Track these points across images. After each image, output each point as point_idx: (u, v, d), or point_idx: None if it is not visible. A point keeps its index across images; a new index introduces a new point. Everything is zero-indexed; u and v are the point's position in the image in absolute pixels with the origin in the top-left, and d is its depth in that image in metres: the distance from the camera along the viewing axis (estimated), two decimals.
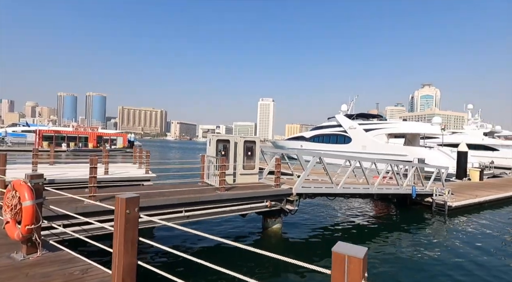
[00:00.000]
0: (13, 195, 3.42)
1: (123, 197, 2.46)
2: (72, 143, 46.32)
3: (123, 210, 2.42)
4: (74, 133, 47.81)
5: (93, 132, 49.55)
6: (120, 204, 2.44)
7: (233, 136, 10.17)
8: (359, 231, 10.71)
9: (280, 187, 9.34)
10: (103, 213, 6.30)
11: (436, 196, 13.47)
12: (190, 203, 7.50)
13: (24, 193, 3.34)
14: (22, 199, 3.32)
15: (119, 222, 2.45)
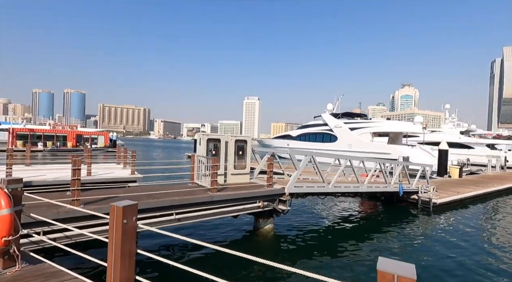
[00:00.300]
0: None
1: (120, 205, 2.19)
2: (49, 142, 44.15)
3: (120, 220, 2.15)
4: (52, 132, 45.55)
5: (72, 131, 47.43)
6: (116, 213, 2.17)
7: (224, 135, 9.90)
8: (349, 229, 10.76)
9: (273, 187, 9.19)
10: (87, 218, 5.90)
11: (421, 193, 13.82)
12: (181, 205, 7.19)
13: (0, 200, 2.97)
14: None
15: (115, 234, 2.17)
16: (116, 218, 2.17)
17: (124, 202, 2.25)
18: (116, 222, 2.17)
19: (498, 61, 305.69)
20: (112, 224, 2.20)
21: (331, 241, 9.47)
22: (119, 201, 2.37)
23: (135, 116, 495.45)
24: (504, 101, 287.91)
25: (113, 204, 2.23)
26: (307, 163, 9.52)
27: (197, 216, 7.51)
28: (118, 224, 2.16)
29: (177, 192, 7.56)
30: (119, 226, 2.16)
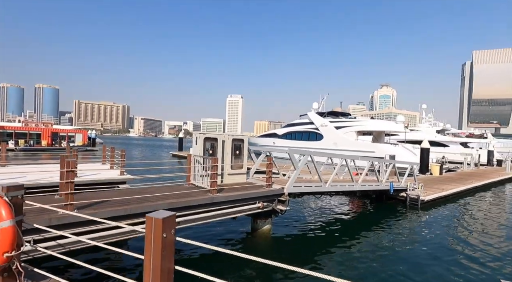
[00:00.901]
0: None
1: (158, 216, 1.93)
2: (22, 140, 41.42)
3: (159, 234, 1.89)
4: (24, 129, 42.74)
5: (47, 129, 44.77)
6: (155, 226, 1.91)
7: (221, 134, 9.61)
8: (343, 227, 10.88)
9: (272, 187, 9.05)
10: (83, 223, 5.47)
11: (409, 190, 14.24)
12: (180, 207, 6.86)
13: (0, 210, 2.58)
14: None
15: (154, 249, 1.92)
16: (154, 232, 1.90)
17: (163, 213, 1.99)
18: (154, 236, 1.91)
19: (468, 64, 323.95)
20: (149, 239, 1.93)
21: (328, 239, 9.51)
22: (150, 210, 2.10)
23: (113, 113, 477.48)
24: (473, 102, 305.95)
25: (150, 215, 1.96)
26: (306, 162, 9.46)
27: (198, 218, 7.20)
28: (157, 239, 1.90)
29: (175, 194, 7.22)
30: (159, 240, 1.90)
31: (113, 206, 6.09)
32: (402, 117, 36.13)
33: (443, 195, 15.26)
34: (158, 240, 1.90)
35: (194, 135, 9.61)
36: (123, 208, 6.00)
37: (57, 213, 5.32)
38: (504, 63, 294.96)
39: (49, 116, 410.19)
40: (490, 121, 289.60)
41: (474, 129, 79.53)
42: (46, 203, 6.21)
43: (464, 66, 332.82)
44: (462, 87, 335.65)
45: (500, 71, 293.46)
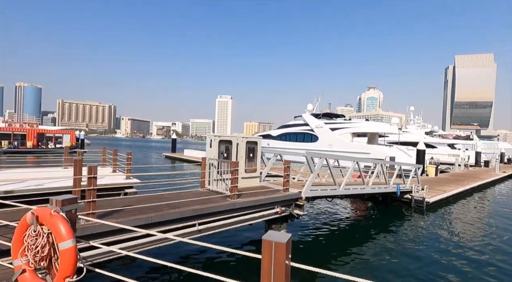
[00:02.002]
0: (37, 232, 2.30)
1: (280, 240, 1.68)
2: (5, 141, 39.49)
3: (282, 260, 1.64)
4: (7, 130, 40.77)
5: (32, 129, 42.89)
6: (276, 251, 1.65)
7: (235, 136, 9.32)
8: (353, 230, 10.84)
9: (289, 191, 8.84)
10: (107, 234, 5.09)
11: (414, 192, 14.37)
12: (203, 214, 6.55)
13: (59, 228, 2.25)
14: (58, 239, 2.24)
15: (275, 278, 1.66)
16: (276, 258, 1.65)
17: (281, 236, 1.73)
18: (276, 263, 1.65)
19: (451, 68, 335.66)
20: (268, 265, 1.67)
21: (343, 243, 9.39)
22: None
23: (99, 113, 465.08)
24: (456, 105, 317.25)
25: (269, 238, 1.70)
26: (321, 165, 9.31)
27: (219, 225, 6.90)
28: (280, 266, 1.63)
29: (198, 200, 6.89)
30: (281, 267, 1.64)
31: (136, 213, 5.71)
32: (397, 119, 36.86)
33: (445, 197, 15.49)
34: (281, 267, 1.65)
35: (209, 137, 9.29)
36: (148, 216, 5.63)
37: (79, 222, 4.92)
38: (485, 68, 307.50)
39: (31, 116, 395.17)
40: (471, 123, 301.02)
41: (460, 131, 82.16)
42: None
43: (447, 69, 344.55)
44: (445, 90, 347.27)
45: (481, 75, 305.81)
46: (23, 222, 2.40)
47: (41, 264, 2.28)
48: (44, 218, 2.28)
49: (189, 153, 40.08)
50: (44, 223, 2.28)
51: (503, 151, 56.05)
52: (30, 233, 2.30)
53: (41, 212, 2.30)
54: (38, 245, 2.26)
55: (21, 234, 2.40)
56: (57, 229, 2.23)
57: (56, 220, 2.25)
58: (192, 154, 39.53)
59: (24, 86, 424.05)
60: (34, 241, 2.28)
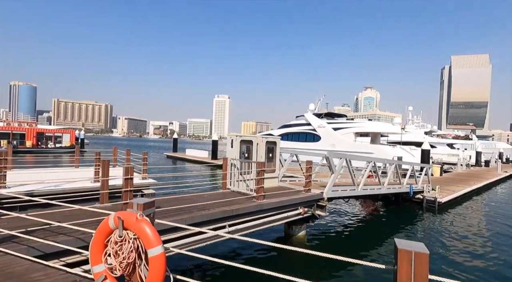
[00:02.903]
0: (123, 237, 2.19)
1: (418, 250, 1.59)
2: (4, 140, 38.93)
3: (424, 273, 1.56)
4: (6, 129, 40.26)
5: (32, 129, 42.36)
6: (417, 263, 1.56)
7: (256, 136, 9.22)
8: (366, 230, 10.81)
9: (311, 192, 8.77)
10: None
11: (426, 192, 14.39)
12: (232, 216, 6.45)
13: (147, 234, 2.14)
14: (146, 245, 2.13)
15: None
16: (416, 270, 1.55)
17: (419, 245, 1.64)
18: (416, 276, 1.55)
19: (447, 69, 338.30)
20: (406, 279, 1.58)
21: (359, 243, 9.33)
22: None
23: (95, 112, 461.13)
24: (452, 105, 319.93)
25: (406, 248, 1.61)
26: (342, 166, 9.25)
27: (247, 227, 6.80)
28: (423, 279, 1.56)
29: (225, 202, 6.78)
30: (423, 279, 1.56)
31: (168, 215, 5.59)
32: (399, 119, 36.97)
33: (456, 196, 15.54)
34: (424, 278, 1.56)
35: (230, 137, 9.17)
36: (181, 218, 5.51)
37: None
38: (480, 68, 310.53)
39: (26, 115, 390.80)
40: (467, 123, 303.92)
41: (458, 131, 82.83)
42: (91, 214, 5.64)
43: (443, 70, 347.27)
44: (441, 91, 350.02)
45: (477, 75, 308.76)
46: (104, 226, 2.28)
47: (126, 270, 2.17)
48: (130, 223, 2.16)
49: (191, 153, 39.83)
50: (130, 228, 2.17)
51: (502, 151, 56.63)
52: (115, 238, 2.19)
53: (126, 216, 2.18)
54: (125, 251, 2.15)
55: (102, 238, 2.29)
56: (145, 235, 2.12)
57: (143, 225, 2.14)
58: (195, 153, 39.29)
59: (19, 85, 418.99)
60: (120, 246, 2.16)
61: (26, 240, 4.12)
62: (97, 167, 9.56)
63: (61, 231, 4.52)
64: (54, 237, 4.30)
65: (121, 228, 2.17)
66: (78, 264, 4.28)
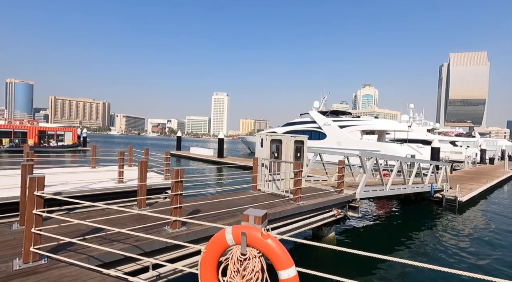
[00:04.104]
0: (246, 255, 1.94)
1: None
2: (6, 139, 38.42)
3: None
4: (7, 127, 39.69)
5: (33, 127, 41.83)
6: None
7: (285, 135, 8.98)
8: (390, 230, 10.61)
9: (344, 192, 8.57)
10: (195, 241, 4.74)
11: (445, 191, 14.23)
12: (275, 219, 6.23)
13: (277, 253, 1.92)
14: (278, 265, 1.89)
15: None
16: None
17: None
18: None
19: (445, 66, 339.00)
20: None
21: (390, 245, 9.14)
22: None
23: (93, 110, 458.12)
24: (450, 102, 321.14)
25: None
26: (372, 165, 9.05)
27: (287, 230, 6.57)
28: None
29: (267, 204, 6.54)
30: None
31: (218, 219, 5.36)
32: (406, 117, 36.84)
33: (474, 195, 15.42)
34: None
35: (259, 136, 8.92)
36: (228, 222, 5.28)
37: (165, 232, 4.58)
38: (478, 65, 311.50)
39: (22, 113, 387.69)
40: (465, 121, 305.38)
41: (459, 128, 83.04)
42: (135, 218, 5.42)
43: (442, 67, 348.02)
44: (440, 88, 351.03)
45: (475, 73, 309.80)
46: (219, 241, 2.04)
47: None
48: (254, 239, 1.92)
49: (196, 151, 39.50)
50: (254, 245, 1.93)
51: (504, 148, 56.79)
52: (237, 256, 1.95)
53: (249, 231, 1.94)
54: (250, 271, 1.91)
55: (216, 254, 2.05)
56: (274, 254, 1.89)
57: (271, 242, 1.90)
58: (199, 151, 38.99)
59: (15, 82, 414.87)
60: (243, 265, 1.92)
61: (81, 247, 3.88)
62: (121, 166, 9.29)
63: (111, 236, 4.27)
64: (110, 244, 4.06)
65: (244, 245, 1.93)
66: (137, 272, 4.05)
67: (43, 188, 3.45)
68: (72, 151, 40.85)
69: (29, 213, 3.36)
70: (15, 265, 3.34)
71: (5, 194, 6.34)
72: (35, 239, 3.41)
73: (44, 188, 3.47)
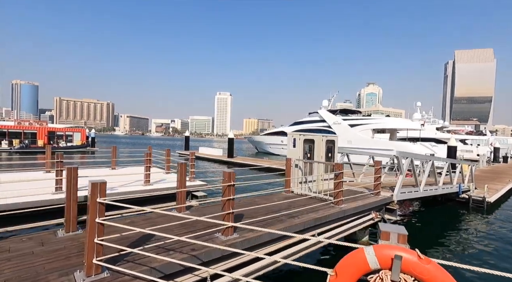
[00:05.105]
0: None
1: None
2: (16, 140, 38.53)
3: None
4: (18, 128, 39.82)
5: (43, 127, 41.93)
6: None
7: (317, 135, 8.66)
8: (425, 230, 10.22)
9: (380, 195, 8.23)
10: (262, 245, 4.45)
11: (472, 192, 13.80)
12: (321, 223, 5.92)
13: None
14: None
15: None
16: None
17: None
18: None
19: (450, 63, 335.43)
20: None
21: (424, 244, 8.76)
22: None
23: (97, 111, 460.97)
24: (455, 100, 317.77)
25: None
26: (409, 165, 8.69)
27: (332, 235, 6.26)
28: None
29: (311, 208, 6.23)
30: None
31: (260, 224, 5.06)
32: (418, 115, 36.24)
33: (499, 196, 14.95)
34: None
35: (292, 136, 8.60)
36: (286, 226, 4.98)
37: (218, 239, 4.30)
38: (484, 62, 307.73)
39: (28, 114, 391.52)
40: (470, 119, 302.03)
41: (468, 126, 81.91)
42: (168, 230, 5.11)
43: (447, 65, 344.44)
44: (445, 86, 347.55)
45: (480, 70, 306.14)
46: (356, 261, 1.73)
47: None
48: (410, 263, 1.61)
49: (205, 151, 39.29)
50: (409, 271, 1.61)
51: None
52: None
53: (402, 253, 1.62)
54: None
55: (353, 278, 1.74)
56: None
57: (434, 269, 1.58)
58: (209, 151, 38.77)
59: (21, 84, 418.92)
60: None
61: (138, 257, 3.61)
62: (148, 168, 9.04)
63: (165, 245, 3.99)
64: (167, 254, 3.78)
65: (397, 270, 1.61)
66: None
67: (105, 194, 3.18)
68: (81, 151, 40.86)
69: (92, 221, 3.08)
70: (78, 278, 3.07)
71: (38, 198, 6.11)
72: (97, 250, 3.14)
73: (106, 194, 3.20)
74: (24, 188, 6.52)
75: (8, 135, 38.22)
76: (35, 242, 4.06)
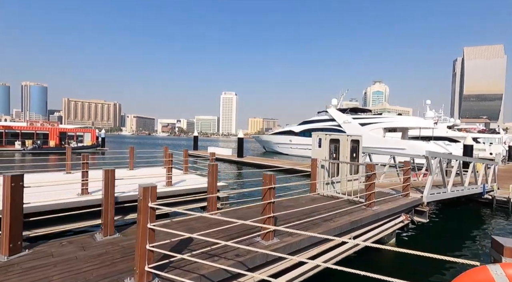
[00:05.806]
0: None
1: None
2: (29, 140, 39.10)
3: None
4: (30, 129, 40.42)
5: (54, 128, 42.49)
6: None
7: (342, 134, 8.46)
8: (441, 233, 9.91)
9: (410, 196, 7.99)
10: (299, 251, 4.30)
11: (496, 192, 13.40)
12: (355, 227, 5.73)
13: None
14: None
15: None
16: None
17: None
18: None
19: (459, 61, 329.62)
20: None
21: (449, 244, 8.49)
22: None
23: (104, 111, 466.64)
24: (464, 98, 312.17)
25: None
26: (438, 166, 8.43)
27: (366, 238, 6.07)
28: None
29: (345, 211, 6.04)
30: None
31: (297, 228, 4.90)
32: (431, 113, 35.61)
33: None
34: None
35: (317, 136, 8.40)
36: (324, 230, 4.81)
37: (259, 244, 4.15)
38: (494, 59, 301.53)
39: (37, 115, 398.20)
40: (480, 117, 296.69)
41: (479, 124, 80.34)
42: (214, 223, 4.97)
43: (456, 62, 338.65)
44: (454, 83, 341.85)
45: (490, 67, 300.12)
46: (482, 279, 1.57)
47: None
48: None
49: (214, 151, 39.29)
50: None
51: None
52: None
53: None
54: None
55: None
56: None
57: None
58: (218, 151, 38.69)
59: (30, 85, 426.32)
60: None
61: (185, 263, 3.48)
62: (170, 170, 8.96)
63: (209, 250, 3.86)
64: (213, 259, 3.65)
65: None
66: None
67: (156, 199, 3.05)
68: (92, 151, 41.26)
69: (143, 227, 2.96)
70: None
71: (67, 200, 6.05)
72: (148, 256, 3.02)
73: (156, 198, 3.07)
74: (48, 190, 6.48)
75: (21, 136, 38.80)
76: (75, 246, 3.97)
